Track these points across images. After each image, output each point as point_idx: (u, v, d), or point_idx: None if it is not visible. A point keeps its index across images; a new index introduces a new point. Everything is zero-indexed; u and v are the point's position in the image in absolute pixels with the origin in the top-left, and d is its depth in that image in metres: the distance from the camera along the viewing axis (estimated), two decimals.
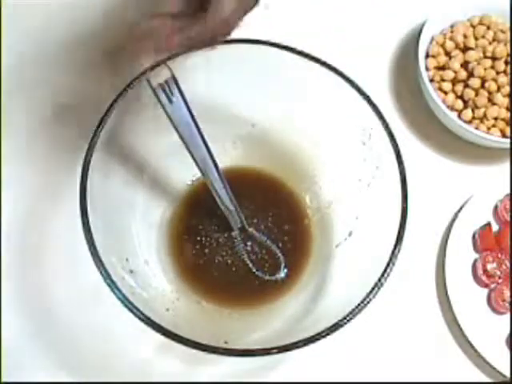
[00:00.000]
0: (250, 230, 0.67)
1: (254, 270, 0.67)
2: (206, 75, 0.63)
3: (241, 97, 0.65)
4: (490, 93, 0.72)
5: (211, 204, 0.61)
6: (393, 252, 0.56)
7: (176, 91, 0.51)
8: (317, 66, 0.62)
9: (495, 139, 0.71)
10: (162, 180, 0.68)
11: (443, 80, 0.73)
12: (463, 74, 0.73)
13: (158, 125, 0.64)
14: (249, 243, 0.68)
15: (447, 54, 0.75)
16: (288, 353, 0.53)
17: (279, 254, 0.68)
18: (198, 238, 0.69)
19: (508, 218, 0.72)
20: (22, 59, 0.74)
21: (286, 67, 0.63)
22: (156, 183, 0.67)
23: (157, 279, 0.65)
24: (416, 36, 0.75)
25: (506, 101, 0.72)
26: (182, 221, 0.70)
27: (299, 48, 0.63)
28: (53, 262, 0.67)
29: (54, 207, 0.68)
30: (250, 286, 0.67)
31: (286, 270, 0.68)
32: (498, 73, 0.72)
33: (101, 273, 0.53)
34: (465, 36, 0.75)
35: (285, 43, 0.63)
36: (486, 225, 0.71)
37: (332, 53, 0.65)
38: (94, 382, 0.64)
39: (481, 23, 0.76)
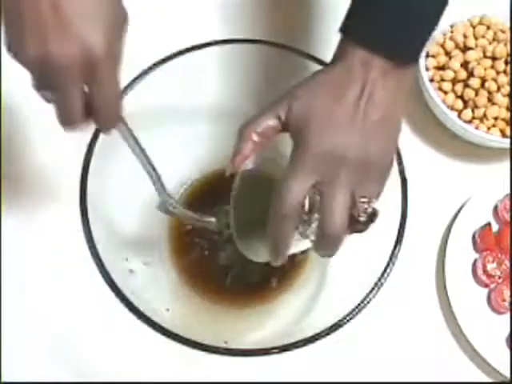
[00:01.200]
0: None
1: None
2: (205, 75, 0.63)
3: (241, 96, 0.65)
4: (489, 93, 0.72)
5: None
6: (393, 252, 0.56)
7: None
8: (318, 66, 0.62)
9: (495, 139, 0.71)
10: (162, 180, 0.68)
11: (443, 80, 0.73)
12: (463, 74, 0.73)
13: (159, 125, 0.64)
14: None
15: (447, 53, 0.75)
16: (288, 353, 0.53)
17: None
18: (198, 239, 0.69)
19: (508, 218, 0.72)
20: None
21: (286, 67, 0.63)
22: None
23: (157, 279, 0.65)
24: None
25: (505, 101, 0.72)
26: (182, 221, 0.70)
27: (299, 48, 0.63)
28: (53, 262, 0.67)
29: (54, 207, 0.68)
30: (250, 286, 0.67)
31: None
32: (498, 73, 0.72)
33: (101, 273, 0.53)
34: (465, 36, 0.75)
35: (285, 43, 0.63)
36: (486, 225, 0.71)
37: (332, 53, 0.65)
38: (94, 381, 0.64)
39: (481, 23, 0.75)
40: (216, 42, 0.61)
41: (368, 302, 0.55)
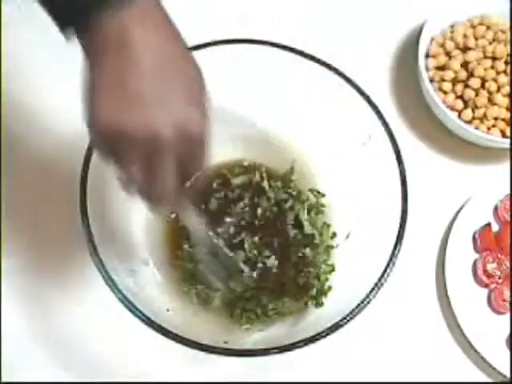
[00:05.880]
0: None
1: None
2: (205, 75, 0.63)
3: (241, 96, 0.65)
4: (490, 93, 0.72)
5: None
6: (393, 252, 0.56)
7: None
8: (317, 66, 0.62)
9: (495, 139, 0.71)
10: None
11: (443, 80, 0.73)
12: (463, 74, 0.73)
13: None
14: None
15: (447, 54, 0.75)
16: (288, 353, 0.53)
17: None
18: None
19: (508, 218, 0.72)
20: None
21: (286, 67, 0.63)
22: None
23: (157, 279, 0.65)
24: (416, 36, 0.75)
25: (505, 101, 0.72)
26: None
27: (299, 48, 0.63)
28: (53, 262, 0.67)
29: (54, 207, 0.68)
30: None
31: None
32: (498, 73, 0.72)
33: (101, 273, 0.53)
34: (465, 36, 0.75)
35: (285, 43, 0.63)
36: (486, 225, 0.71)
37: (332, 53, 0.65)
38: (94, 382, 0.64)
39: (481, 23, 0.75)
40: (216, 43, 0.61)
41: (368, 302, 0.55)
